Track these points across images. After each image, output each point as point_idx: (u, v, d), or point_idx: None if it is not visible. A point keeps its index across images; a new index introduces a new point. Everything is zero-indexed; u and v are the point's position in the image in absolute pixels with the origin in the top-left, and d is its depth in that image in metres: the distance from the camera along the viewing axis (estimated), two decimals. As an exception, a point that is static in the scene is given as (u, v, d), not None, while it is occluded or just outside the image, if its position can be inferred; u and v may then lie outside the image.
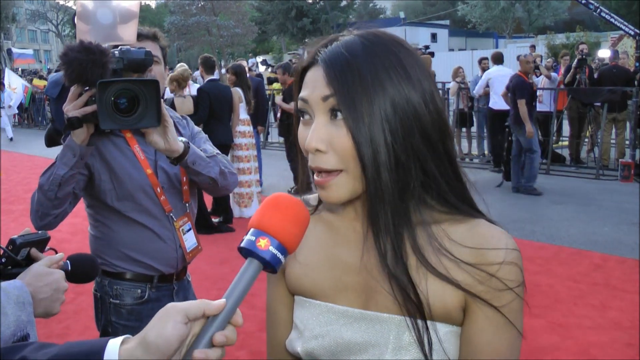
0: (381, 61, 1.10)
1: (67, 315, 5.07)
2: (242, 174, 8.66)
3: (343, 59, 1.10)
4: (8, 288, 1.53)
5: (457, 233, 1.15)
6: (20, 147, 17.92)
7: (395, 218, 1.11)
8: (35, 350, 1.05)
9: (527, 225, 7.91)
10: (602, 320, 4.94)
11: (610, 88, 11.02)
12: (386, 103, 1.08)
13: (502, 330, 1.13)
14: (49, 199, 2.29)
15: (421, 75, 1.13)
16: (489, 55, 12.78)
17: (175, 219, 2.56)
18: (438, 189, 1.15)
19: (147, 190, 2.48)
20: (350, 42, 1.13)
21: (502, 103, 11.13)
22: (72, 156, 2.23)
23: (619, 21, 13.16)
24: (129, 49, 2.28)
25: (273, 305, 1.36)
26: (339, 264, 1.23)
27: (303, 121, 1.17)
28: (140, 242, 2.50)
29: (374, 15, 65.43)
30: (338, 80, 1.08)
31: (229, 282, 1.02)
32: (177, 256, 2.58)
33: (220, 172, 2.52)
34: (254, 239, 1.02)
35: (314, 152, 1.11)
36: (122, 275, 2.52)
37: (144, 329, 0.99)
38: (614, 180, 10.55)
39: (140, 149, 2.48)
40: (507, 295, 1.12)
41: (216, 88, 8.09)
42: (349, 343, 1.18)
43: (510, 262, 1.12)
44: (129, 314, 2.54)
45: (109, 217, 2.50)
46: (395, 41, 1.15)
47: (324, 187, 1.13)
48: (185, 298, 2.71)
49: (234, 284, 1.02)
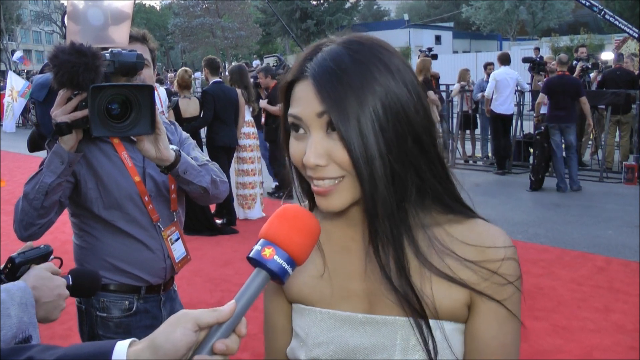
0: (369, 69, 1.10)
1: (70, 317, 5.05)
2: (246, 176, 8.67)
3: (333, 74, 1.09)
4: (12, 289, 1.53)
5: (458, 233, 1.17)
6: (23, 148, 17.90)
7: (394, 229, 1.12)
8: (41, 351, 1.05)
9: (531, 228, 7.90)
10: (605, 323, 4.93)
11: (614, 91, 11.00)
12: (378, 111, 1.08)
13: (506, 324, 1.16)
14: (35, 208, 2.20)
15: (407, 77, 1.13)
16: (494, 57, 12.77)
17: (163, 229, 2.48)
18: (433, 192, 1.16)
19: (135, 199, 2.39)
20: (336, 52, 1.12)
21: (506, 106, 11.14)
22: (59, 163, 2.15)
23: (622, 23, 13.11)
24: (120, 51, 2.20)
25: (271, 314, 1.36)
26: (339, 272, 1.23)
27: (296, 136, 1.15)
28: (127, 252, 2.41)
29: (378, 17, 65.44)
30: (331, 97, 1.08)
31: (232, 284, 1.03)
32: (166, 266, 2.50)
33: (212, 180, 2.45)
34: (260, 248, 1.03)
35: (314, 168, 1.11)
36: (108, 287, 2.42)
37: (153, 332, 1.00)
38: (617, 183, 10.53)
39: (128, 156, 2.40)
40: (508, 289, 1.15)
41: (221, 90, 8.08)
42: (356, 348, 1.18)
43: (509, 257, 1.15)
44: (117, 327, 2.44)
45: (94, 226, 2.41)
46: (378, 45, 1.15)
47: (326, 195, 1.13)
48: (172, 308, 2.61)
49: (240, 292, 1.02)
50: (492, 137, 12.16)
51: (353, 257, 1.22)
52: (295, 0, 48.37)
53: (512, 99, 11.52)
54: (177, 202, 2.54)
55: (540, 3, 44.53)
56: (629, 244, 7.01)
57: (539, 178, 10.10)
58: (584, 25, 38.11)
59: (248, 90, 8.62)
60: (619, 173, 10.96)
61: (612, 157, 11.70)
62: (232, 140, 8.14)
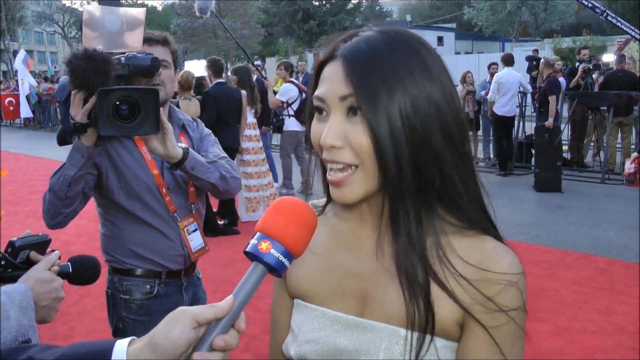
0: (403, 57, 1.08)
1: (72, 317, 5.07)
2: (250, 178, 8.63)
3: (363, 55, 1.08)
4: (12, 292, 1.53)
5: (462, 247, 1.13)
6: (26, 149, 17.97)
7: (417, 214, 1.10)
8: (41, 351, 1.05)
9: (533, 229, 7.90)
10: (607, 325, 4.93)
11: (616, 92, 11.00)
12: (406, 100, 1.06)
13: (497, 351, 1.10)
14: (60, 198, 2.38)
15: (442, 74, 1.12)
16: (497, 58, 12.76)
17: (180, 219, 2.64)
18: (454, 193, 1.12)
19: (153, 190, 2.57)
20: (371, 37, 1.11)
21: (508, 108, 11.13)
22: (80, 157, 2.32)
23: (625, 25, 13.11)
24: (135, 55, 2.35)
25: (275, 308, 1.37)
26: (338, 269, 1.22)
27: (318, 117, 1.15)
28: (147, 240, 2.59)
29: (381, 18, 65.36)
30: (358, 77, 1.07)
31: (234, 285, 1.02)
32: (184, 254, 2.67)
33: (221, 177, 2.59)
34: (256, 242, 1.02)
35: (329, 149, 1.10)
36: (131, 272, 2.61)
37: (151, 331, 0.99)
38: (619, 184, 10.53)
39: (148, 150, 2.57)
40: (501, 318, 1.09)
41: (223, 91, 8.06)
42: (341, 350, 1.17)
43: (511, 284, 1.10)
44: (139, 308, 2.63)
45: (117, 215, 2.60)
46: (417, 39, 1.13)
47: (339, 185, 1.12)
48: (194, 294, 2.80)
49: (238, 287, 1.02)
50: (494, 139, 12.16)
51: (353, 254, 1.22)
52: (297, 1, 48.36)
53: (514, 101, 11.50)
54: (195, 195, 2.71)
55: (543, 4, 44.48)
56: (631, 246, 7.00)
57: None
58: (587, 27, 38.13)
59: (252, 91, 8.61)
60: (620, 175, 10.95)
61: (614, 159, 11.70)
62: (234, 141, 8.13)
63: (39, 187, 11.13)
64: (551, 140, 10.00)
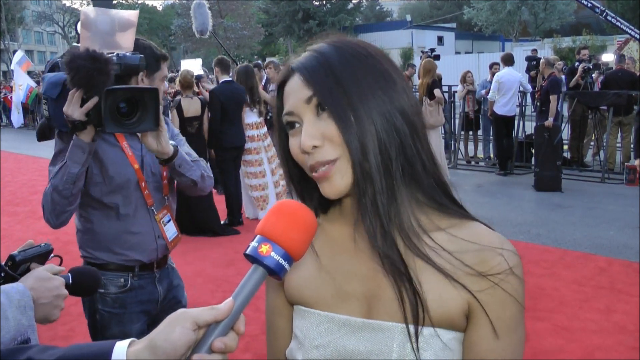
0: (351, 54, 1.16)
1: (72, 318, 5.07)
2: (254, 178, 8.59)
3: (316, 60, 1.16)
4: (10, 292, 1.53)
5: (459, 239, 1.15)
6: (25, 149, 17.97)
7: (383, 198, 1.12)
8: (41, 351, 1.05)
9: (533, 228, 7.90)
10: (607, 324, 4.93)
11: (616, 92, 10.99)
12: (364, 88, 1.13)
13: (504, 337, 1.13)
14: (65, 197, 2.46)
15: (389, 66, 1.19)
16: (497, 58, 12.76)
17: (156, 212, 2.76)
18: (421, 179, 1.16)
19: (134, 184, 2.67)
20: (320, 47, 1.19)
21: (508, 108, 11.13)
22: (81, 154, 2.41)
23: (624, 24, 13.12)
24: (125, 54, 2.49)
25: (271, 316, 1.36)
26: (339, 273, 1.22)
27: (292, 132, 1.18)
28: (119, 235, 2.68)
29: (381, 18, 65.46)
30: (315, 78, 1.14)
31: (234, 285, 1.02)
32: (157, 246, 2.77)
33: (201, 175, 2.76)
34: (257, 245, 1.03)
35: (310, 150, 1.13)
36: (105, 267, 2.69)
37: (151, 332, 1.00)
38: (619, 183, 10.53)
39: (128, 145, 2.69)
40: (508, 302, 1.13)
41: (229, 90, 8.06)
42: (352, 352, 1.17)
43: (511, 269, 1.13)
44: (113, 301, 2.72)
45: (92, 212, 2.69)
46: (360, 42, 1.21)
47: (326, 177, 1.14)
48: (169, 284, 2.91)
49: (238, 289, 1.02)
50: (494, 138, 12.16)
51: (352, 257, 1.22)
52: (297, 1, 48.36)
53: (515, 101, 11.49)
54: (168, 188, 2.84)
55: (542, 4, 44.48)
56: (631, 245, 7.01)
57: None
58: (586, 27, 38.14)
59: (253, 92, 8.54)
60: (620, 174, 10.97)
61: (613, 158, 11.71)
62: (239, 139, 8.13)
63: (39, 188, 11.13)
64: (551, 139, 10.00)
